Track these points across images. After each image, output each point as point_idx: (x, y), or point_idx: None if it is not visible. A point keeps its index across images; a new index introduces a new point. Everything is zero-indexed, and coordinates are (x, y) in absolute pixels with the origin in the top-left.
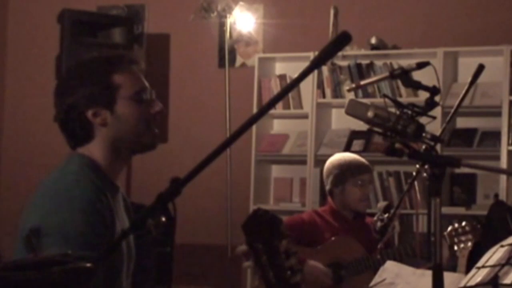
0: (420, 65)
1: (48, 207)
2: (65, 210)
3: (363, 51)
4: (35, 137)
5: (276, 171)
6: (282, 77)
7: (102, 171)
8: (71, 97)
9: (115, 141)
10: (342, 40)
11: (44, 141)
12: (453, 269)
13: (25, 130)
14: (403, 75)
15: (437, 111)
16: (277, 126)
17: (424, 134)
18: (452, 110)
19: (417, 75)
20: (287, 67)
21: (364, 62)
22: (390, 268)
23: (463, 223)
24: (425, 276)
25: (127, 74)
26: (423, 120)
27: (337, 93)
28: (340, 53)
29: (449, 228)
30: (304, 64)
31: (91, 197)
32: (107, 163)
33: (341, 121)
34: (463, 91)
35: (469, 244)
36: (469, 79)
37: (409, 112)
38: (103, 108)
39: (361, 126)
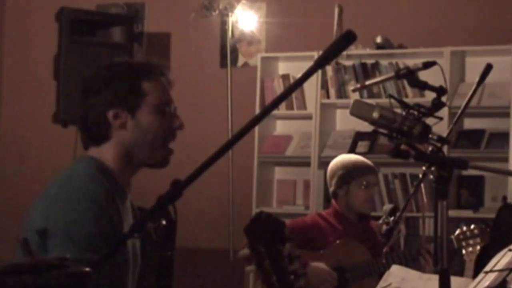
0: (427, 65)
1: (55, 209)
2: (72, 211)
3: (368, 51)
4: (32, 137)
5: (279, 173)
6: (285, 77)
7: (111, 174)
8: (95, 97)
9: (130, 146)
10: (346, 39)
11: (42, 141)
12: (460, 273)
13: (22, 130)
14: (409, 75)
15: (444, 112)
16: (280, 127)
17: (430, 135)
18: (459, 111)
19: (423, 75)
20: (291, 66)
21: (369, 61)
22: (396, 272)
23: (471, 226)
24: (432, 280)
25: (155, 84)
26: (429, 121)
27: (341, 94)
28: (344, 53)
29: (457, 231)
30: (308, 64)
31: (99, 199)
32: (118, 167)
33: (345, 122)
34: (471, 91)
35: (477, 247)
36: (476, 79)
37: (415, 112)
38: (125, 111)
39: (366, 127)
